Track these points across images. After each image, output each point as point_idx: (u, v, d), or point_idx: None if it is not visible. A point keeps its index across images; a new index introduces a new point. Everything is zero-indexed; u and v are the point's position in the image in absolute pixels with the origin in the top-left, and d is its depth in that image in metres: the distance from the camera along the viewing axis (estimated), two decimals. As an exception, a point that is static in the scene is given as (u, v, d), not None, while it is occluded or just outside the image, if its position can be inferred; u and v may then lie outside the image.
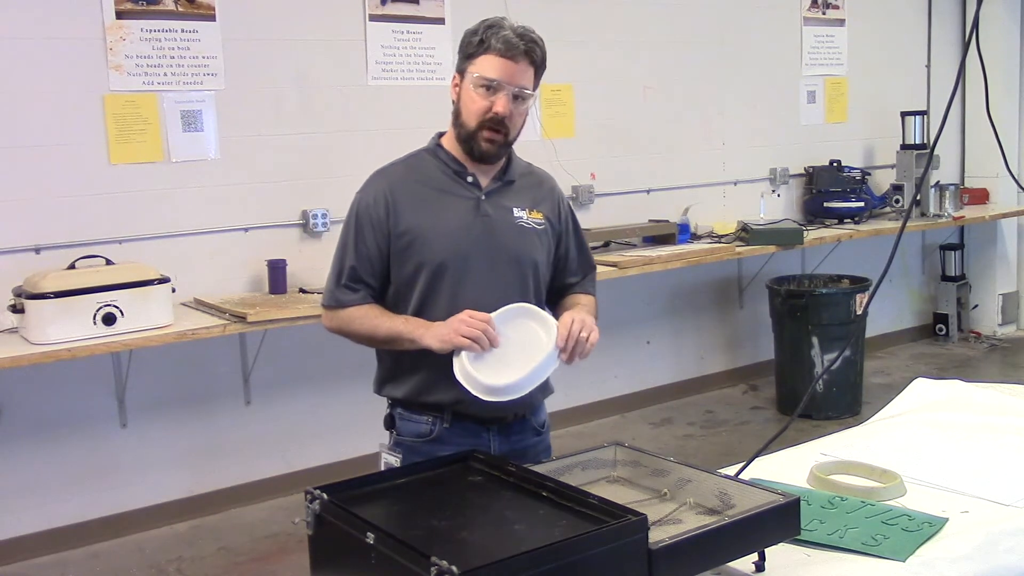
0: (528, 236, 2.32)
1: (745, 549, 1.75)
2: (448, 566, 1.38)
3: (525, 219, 2.32)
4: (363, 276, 2.27)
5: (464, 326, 2.12)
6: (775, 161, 6.35)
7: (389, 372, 2.36)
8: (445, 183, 2.30)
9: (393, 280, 2.29)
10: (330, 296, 2.31)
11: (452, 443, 2.26)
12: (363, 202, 2.29)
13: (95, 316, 3.70)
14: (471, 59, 2.24)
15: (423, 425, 2.31)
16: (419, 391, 2.30)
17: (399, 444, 2.33)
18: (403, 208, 2.26)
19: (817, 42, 6.52)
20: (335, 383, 4.82)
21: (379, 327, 2.25)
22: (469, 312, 2.14)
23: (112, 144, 4.17)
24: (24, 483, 4.11)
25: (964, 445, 2.47)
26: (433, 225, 2.25)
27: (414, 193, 2.27)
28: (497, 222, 2.29)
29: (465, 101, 2.25)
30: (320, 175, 4.69)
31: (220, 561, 4.09)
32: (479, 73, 2.21)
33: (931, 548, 1.90)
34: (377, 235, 2.26)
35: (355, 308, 2.28)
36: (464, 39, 2.28)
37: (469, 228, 2.27)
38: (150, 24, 4.21)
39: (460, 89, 2.27)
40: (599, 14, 5.52)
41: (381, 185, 2.29)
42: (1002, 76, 6.84)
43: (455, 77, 2.29)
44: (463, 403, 2.23)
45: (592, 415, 5.54)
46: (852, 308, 5.57)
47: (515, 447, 2.32)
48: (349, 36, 4.73)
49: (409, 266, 2.26)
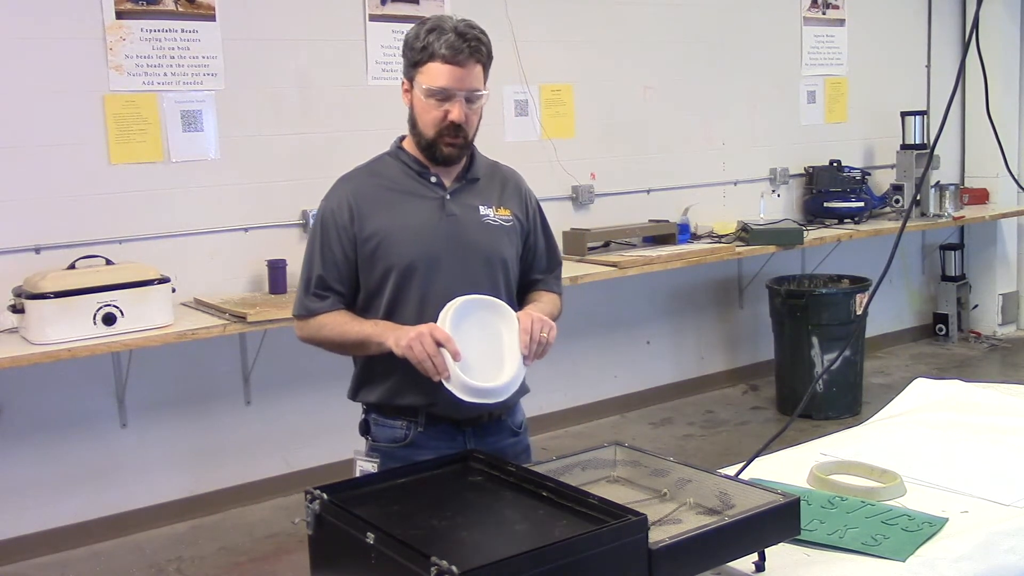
0: (495, 233, 2.30)
1: (745, 549, 1.75)
2: (448, 566, 1.38)
3: (492, 216, 2.31)
4: (331, 283, 2.26)
5: (418, 345, 2.04)
6: (775, 161, 6.35)
7: (362, 377, 2.34)
8: (409, 185, 2.28)
9: (362, 285, 2.27)
10: (300, 305, 2.30)
11: (428, 447, 2.24)
12: (327, 209, 2.28)
13: (95, 316, 3.70)
14: (417, 67, 2.20)
15: (398, 430, 2.30)
16: (392, 394, 2.28)
17: (375, 450, 2.32)
18: (367, 212, 2.24)
19: (817, 42, 6.52)
20: (335, 383, 4.77)
21: (348, 332, 2.23)
22: (432, 328, 2.07)
23: (112, 144, 4.17)
24: (24, 483, 4.11)
25: (964, 445, 2.46)
26: (399, 227, 2.23)
27: (378, 197, 2.26)
28: (464, 221, 2.27)
29: (419, 111, 2.23)
30: (320, 175, 4.63)
31: (220, 561, 4.09)
32: (428, 84, 2.18)
33: (931, 548, 1.90)
34: (343, 241, 2.24)
35: (325, 316, 2.26)
36: (407, 44, 2.22)
37: (435, 228, 2.25)
38: (150, 24, 4.21)
39: (411, 97, 2.24)
40: (599, 14, 5.52)
41: (344, 191, 2.29)
42: (1002, 76, 6.84)
43: (404, 83, 2.26)
44: (436, 405, 2.22)
45: (592, 415, 5.55)
46: (852, 308, 5.57)
47: (491, 448, 2.24)
48: (349, 36, 4.73)
49: (377, 270, 2.24)
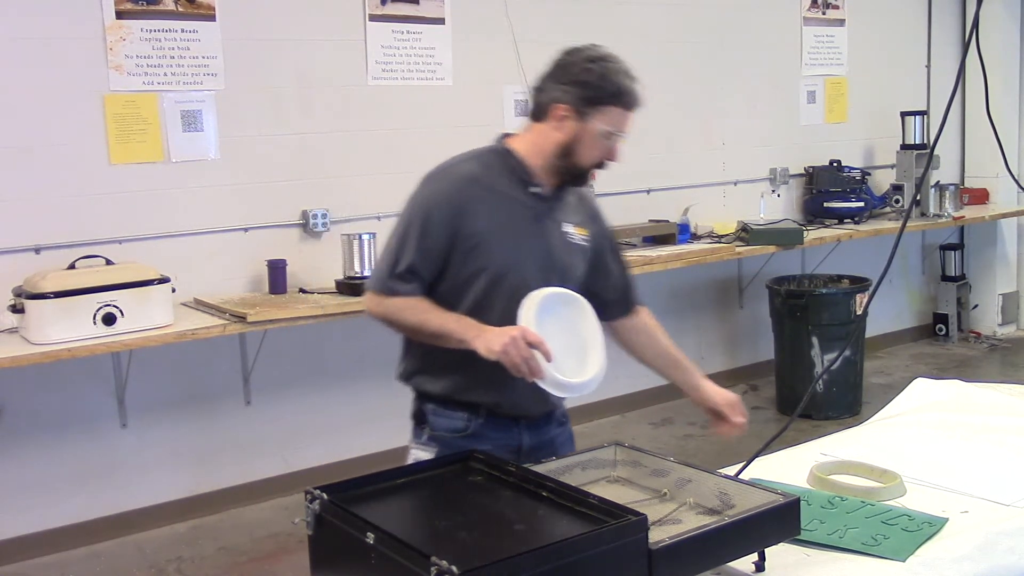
0: (574, 251, 2.36)
1: (745, 549, 1.75)
2: (448, 566, 1.38)
3: (573, 234, 2.36)
4: (419, 271, 2.24)
5: (514, 350, 2.07)
6: (775, 161, 6.35)
7: (421, 365, 2.34)
8: (512, 190, 2.29)
9: (449, 278, 2.27)
10: (381, 283, 2.27)
11: (487, 438, 2.27)
12: (434, 198, 2.25)
13: (95, 316, 3.70)
14: (598, 106, 2.22)
15: (458, 421, 2.31)
16: (457, 389, 2.29)
17: (433, 439, 2.32)
18: (472, 211, 2.23)
19: (817, 42, 6.52)
20: (335, 383, 4.82)
21: (429, 321, 2.22)
22: (524, 331, 2.09)
23: (112, 144, 4.17)
24: (24, 483, 4.11)
25: (964, 445, 2.47)
26: (498, 232, 2.25)
27: (483, 197, 2.26)
28: (551, 234, 2.32)
29: (585, 145, 2.25)
30: (320, 175, 4.69)
31: (220, 561, 4.09)
32: (607, 127, 2.23)
33: (931, 548, 1.90)
34: (444, 234, 2.23)
35: (406, 299, 2.25)
36: (587, 80, 2.22)
37: (529, 239, 2.28)
38: (150, 24, 4.21)
39: (575, 127, 2.24)
40: (599, 14, 5.51)
41: (455, 181, 2.27)
42: (1002, 76, 6.84)
43: (563, 108, 2.24)
44: (501, 406, 2.28)
45: (592, 415, 5.55)
46: (852, 308, 5.57)
47: (543, 439, 2.37)
48: (349, 36, 4.73)
49: (469, 268, 2.25)
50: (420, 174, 2.31)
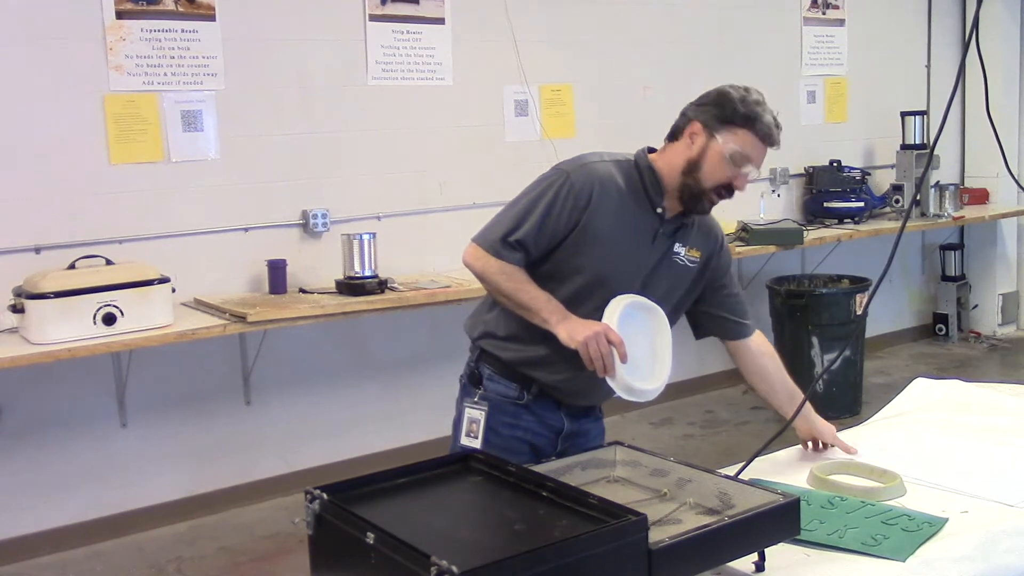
0: (680, 272, 2.40)
1: (745, 549, 1.75)
2: (448, 566, 1.38)
3: (682, 255, 2.39)
4: (529, 246, 2.28)
5: (595, 344, 2.15)
6: (775, 161, 6.33)
7: (496, 329, 2.40)
8: (639, 201, 2.33)
9: (553, 262, 2.31)
10: (490, 243, 2.30)
11: (533, 411, 2.40)
12: (569, 185, 2.28)
13: (95, 316, 3.70)
14: (731, 127, 2.26)
15: (511, 390, 2.40)
16: (523, 363, 2.37)
17: (486, 399, 2.41)
18: (600, 209, 2.28)
19: (817, 42, 6.52)
20: (335, 383, 4.82)
21: (522, 291, 2.27)
22: (607, 329, 2.17)
23: (112, 144, 4.17)
24: (24, 483, 4.11)
25: (964, 445, 2.46)
26: (615, 238, 2.29)
27: (614, 199, 2.30)
28: (661, 256, 2.36)
29: (711, 163, 2.27)
30: (320, 175, 4.69)
31: (220, 561, 4.09)
32: (738, 148, 2.25)
33: (931, 548, 1.90)
34: (568, 220, 2.27)
35: (508, 265, 2.29)
36: (726, 103, 2.28)
37: (639, 255, 2.33)
38: (150, 24, 4.21)
39: (705, 146, 2.28)
40: (599, 14, 5.51)
41: (593, 178, 2.30)
42: (1002, 76, 6.84)
43: (697, 125, 2.29)
44: (559, 390, 2.38)
45: (592, 415, 5.54)
46: (852, 308, 5.57)
47: (580, 427, 2.49)
48: (349, 36, 4.73)
49: (576, 261, 2.30)
50: (420, 173, 2.32)
